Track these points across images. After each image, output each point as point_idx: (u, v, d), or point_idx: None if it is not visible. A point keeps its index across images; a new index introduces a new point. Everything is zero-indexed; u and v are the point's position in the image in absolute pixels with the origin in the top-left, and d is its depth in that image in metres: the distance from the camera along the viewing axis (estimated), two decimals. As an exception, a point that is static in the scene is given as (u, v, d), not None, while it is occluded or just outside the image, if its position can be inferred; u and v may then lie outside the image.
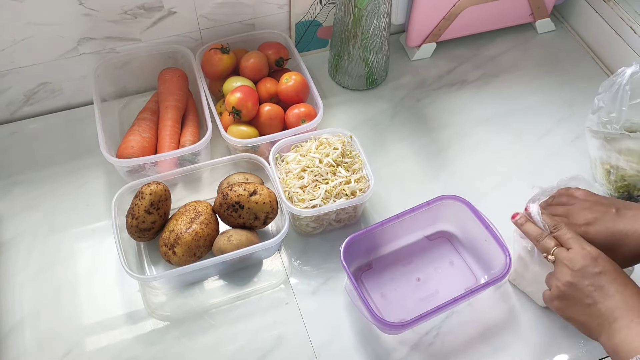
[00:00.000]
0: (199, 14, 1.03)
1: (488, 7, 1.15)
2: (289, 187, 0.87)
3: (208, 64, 1.02)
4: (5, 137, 1.04)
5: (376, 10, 0.99)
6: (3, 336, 0.82)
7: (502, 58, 1.20)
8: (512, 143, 1.06)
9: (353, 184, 0.87)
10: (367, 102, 1.11)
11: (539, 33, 1.24)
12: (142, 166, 0.94)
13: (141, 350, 0.82)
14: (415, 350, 0.82)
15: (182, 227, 0.84)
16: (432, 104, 1.11)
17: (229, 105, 0.96)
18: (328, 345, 0.83)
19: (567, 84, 1.15)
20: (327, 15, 1.12)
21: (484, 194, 0.97)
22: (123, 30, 1.01)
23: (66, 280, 0.88)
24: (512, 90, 1.14)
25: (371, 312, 0.76)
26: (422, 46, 1.17)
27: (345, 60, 1.09)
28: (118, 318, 0.85)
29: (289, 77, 1.01)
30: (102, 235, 0.92)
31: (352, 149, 0.92)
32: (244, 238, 0.85)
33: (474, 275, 0.88)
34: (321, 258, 0.91)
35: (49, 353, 0.81)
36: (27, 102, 1.05)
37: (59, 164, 1.01)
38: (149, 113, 1.02)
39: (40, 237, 0.92)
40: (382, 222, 0.85)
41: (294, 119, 0.98)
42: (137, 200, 0.84)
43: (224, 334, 0.83)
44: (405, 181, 1.00)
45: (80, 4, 0.94)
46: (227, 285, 0.88)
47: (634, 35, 1.09)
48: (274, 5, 1.08)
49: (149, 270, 0.89)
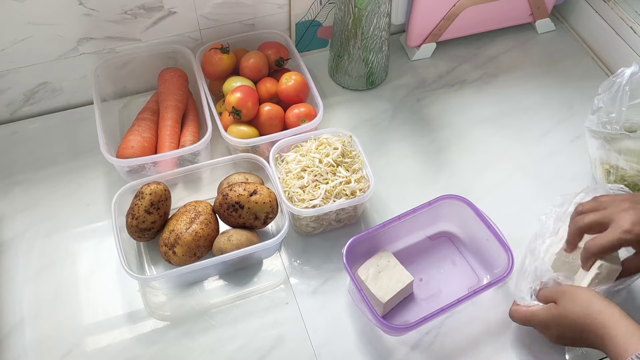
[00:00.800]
0: (199, 14, 1.03)
1: (488, 7, 1.15)
2: (289, 187, 0.87)
3: (208, 64, 1.02)
4: (5, 137, 1.04)
5: (376, 10, 0.99)
6: (3, 336, 0.82)
7: (502, 58, 1.20)
8: (512, 143, 1.06)
9: (353, 184, 0.87)
10: (367, 102, 1.11)
11: (539, 33, 1.24)
12: (142, 166, 0.94)
13: (141, 350, 0.82)
14: (415, 350, 0.82)
15: (182, 227, 0.84)
16: (432, 104, 1.11)
17: (229, 105, 0.96)
18: (328, 345, 0.83)
19: (567, 84, 1.15)
20: (327, 15, 1.12)
21: (484, 193, 0.97)
22: (123, 30, 1.01)
23: (66, 280, 0.88)
24: (512, 90, 1.14)
25: (375, 315, 0.76)
26: (422, 46, 1.17)
27: (345, 60, 1.09)
28: (118, 318, 0.85)
29: (289, 77, 1.01)
30: (102, 235, 0.92)
31: (352, 149, 0.92)
32: (244, 238, 0.85)
33: (476, 274, 0.88)
34: (321, 258, 0.91)
35: (49, 353, 0.81)
36: (27, 102, 1.05)
37: (59, 164, 1.01)
38: (149, 113, 1.02)
39: (40, 237, 0.92)
40: (383, 223, 0.85)
41: (294, 119, 0.98)
42: (137, 200, 0.84)
43: (224, 334, 0.83)
44: (405, 181, 1.00)
45: (80, 4, 0.94)
46: (227, 285, 0.88)
47: (634, 35, 1.09)
48: (274, 5, 1.08)
49: (149, 270, 0.89)
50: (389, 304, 0.81)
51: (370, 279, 0.82)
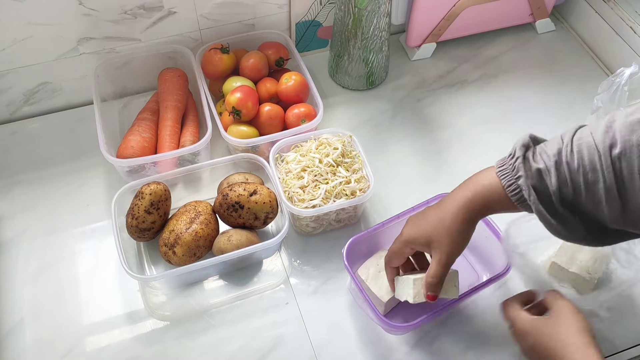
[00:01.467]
0: (199, 14, 1.03)
1: (488, 7, 1.15)
2: (289, 187, 0.87)
3: (208, 64, 1.02)
4: (6, 137, 1.04)
5: (376, 10, 0.99)
6: (3, 336, 0.82)
7: (502, 58, 1.20)
8: (512, 143, 1.05)
9: (353, 184, 0.87)
10: (367, 102, 1.11)
11: (539, 33, 1.24)
12: (142, 166, 0.94)
13: (141, 350, 0.82)
14: (415, 350, 0.82)
15: (182, 227, 0.84)
16: (432, 104, 1.11)
17: (229, 105, 0.96)
18: (328, 345, 0.83)
19: (567, 84, 1.15)
20: (327, 15, 1.13)
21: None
22: (123, 30, 1.01)
23: (66, 280, 0.88)
24: (512, 90, 1.14)
25: (377, 314, 0.76)
26: (422, 46, 1.17)
27: (345, 60, 1.09)
28: (118, 318, 0.85)
29: (289, 77, 1.01)
30: (102, 235, 0.92)
31: (352, 149, 0.92)
32: (244, 238, 0.85)
33: (475, 272, 0.88)
34: (321, 258, 0.91)
35: (49, 353, 0.81)
36: (27, 102, 1.05)
37: (59, 164, 1.01)
38: (149, 113, 1.02)
39: (40, 237, 0.92)
40: (382, 222, 0.85)
41: (294, 119, 0.98)
42: (137, 200, 0.84)
43: (224, 334, 0.83)
44: (405, 181, 1.00)
45: (80, 4, 0.94)
46: (227, 285, 0.88)
47: (634, 35, 1.09)
48: (274, 5, 1.08)
49: (149, 270, 0.89)
50: (390, 303, 0.81)
51: (371, 278, 0.82)
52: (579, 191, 0.60)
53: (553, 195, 0.62)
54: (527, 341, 0.69)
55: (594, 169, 0.59)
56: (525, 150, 0.65)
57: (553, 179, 0.61)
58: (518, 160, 0.64)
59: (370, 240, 0.86)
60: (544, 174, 0.62)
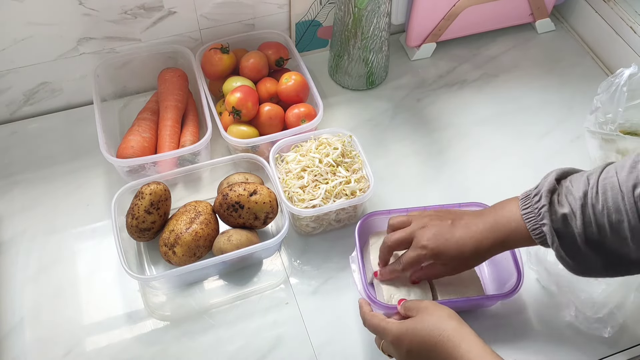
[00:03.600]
0: (199, 14, 1.03)
1: (488, 7, 1.15)
2: (289, 187, 0.87)
3: (208, 64, 1.02)
4: (5, 137, 1.04)
5: (376, 10, 0.99)
6: (3, 336, 0.82)
7: (502, 58, 1.20)
8: (512, 143, 1.06)
9: (353, 184, 0.87)
10: (367, 102, 1.11)
11: (539, 33, 1.24)
12: (142, 166, 0.94)
13: (141, 350, 0.82)
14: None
15: (182, 227, 0.84)
16: (432, 104, 1.11)
17: (229, 105, 0.96)
18: (328, 345, 0.83)
19: (567, 84, 1.15)
20: (327, 15, 1.13)
21: (484, 194, 0.97)
22: (123, 30, 1.01)
23: (66, 280, 0.88)
24: (512, 90, 1.14)
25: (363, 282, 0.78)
26: (422, 46, 1.17)
27: (345, 60, 1.09)
28: (118, 318, 0.85)
29: (289, 77, 1.01)
30: (102, 235, 0.92)
31: (352, 149, 0.92)
32: (244, 238, 0.85)
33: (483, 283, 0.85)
34: (321, 258, 0.91)
35: (49, 353, 0.81)
36: (27, 102, 1.05)
37: (59, 164, 1.01)
38: (149, 113, 1.02)
39: (40, 237, 0.92)
40: (407, 208, 0.84)
41: (294, 119, 0.98)
42: (137, 200, 0.84)
43: (224, 334, 0.83)
44: (406, 181, 1.00)
45: (80, 4, 0.94)
46: (227, 285, 0.88)
47: (634, 35, 1.09)
48: (274, 5, 1.08)
49: (149, 270, 0.89)
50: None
51: (376, 246, 0.82)
52: (604, 232, 0.62)
53: (578, 237, 0.63)
54: (402, 347, 0.67)
55: (617, 210, 0.61)
56: (551, 195, 0.66)
57: (578, 222, 0.63)
58: (544, 208, 0.66)
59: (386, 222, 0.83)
60: (570, 218, 0.64)
